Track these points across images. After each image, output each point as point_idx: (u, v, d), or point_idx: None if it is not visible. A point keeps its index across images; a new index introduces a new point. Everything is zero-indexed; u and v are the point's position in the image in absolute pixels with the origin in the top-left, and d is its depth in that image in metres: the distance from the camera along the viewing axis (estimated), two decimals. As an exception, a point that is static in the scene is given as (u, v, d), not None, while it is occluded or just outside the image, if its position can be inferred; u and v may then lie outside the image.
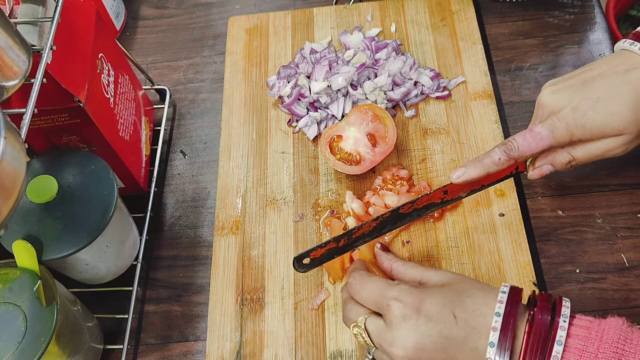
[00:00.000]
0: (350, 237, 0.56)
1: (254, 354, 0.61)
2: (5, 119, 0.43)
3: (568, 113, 0.54)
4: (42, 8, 0.56)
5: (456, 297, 0.49)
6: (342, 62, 0.76)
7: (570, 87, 0.55)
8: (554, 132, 0.54)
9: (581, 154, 0.56)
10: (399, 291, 0.50)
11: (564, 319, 0.45)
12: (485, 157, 0.56)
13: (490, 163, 0.56)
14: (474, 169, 0.56)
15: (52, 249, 0.56)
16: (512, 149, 0.55)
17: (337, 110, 0.73)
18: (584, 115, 0.53)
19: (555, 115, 0.55)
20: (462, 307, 0.48)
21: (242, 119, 0.77)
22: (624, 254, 0.63)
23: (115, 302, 0.67)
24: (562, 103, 0.55)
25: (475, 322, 0.47)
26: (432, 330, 0.47)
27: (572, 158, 0.57)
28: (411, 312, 0.48)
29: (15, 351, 0.50)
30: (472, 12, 0.81)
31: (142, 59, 0.86)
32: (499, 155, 0.55)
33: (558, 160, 0.58)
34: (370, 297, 0.52)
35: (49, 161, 0.61)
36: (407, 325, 0.48)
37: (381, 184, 0.68)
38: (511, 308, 0.46)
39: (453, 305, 0.48)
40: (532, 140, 0.55)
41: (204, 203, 0.73)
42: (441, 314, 0.48)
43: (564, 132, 0.54)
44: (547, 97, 0.56)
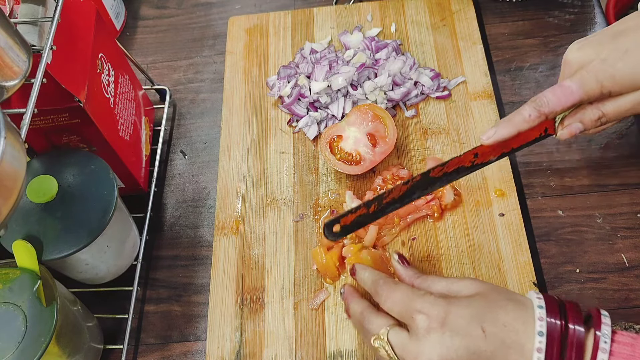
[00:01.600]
0: (380, 203, 0.54)
1: (254, 354, 0.61)
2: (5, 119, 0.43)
3: (597, 65, 0.52)
4: (42, 8, 0.56)
5: (486, 310, 0.46)
6: (342, 62, 0.76)
7: (598, 42, 0.54)
8: (583, 85, 0.53)
9: (611, 109, 0.54)
10: (424, 302, 0.48)
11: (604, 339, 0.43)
12: (515, 115, 0.55)
13: (520, 120, 0.54)
14: (505, 128, 0.54)
15: (52, 249, 0.56)
16: (542, 105, 0.54)
17: (337, 110, 0.73)
18: (613, 66, 0.52)
19: (584, 68, 0.53)
20: (492, 320, 0.46)
21: (242, 119, 0.77)
22: (624, 254, 0.63)
23: (115, 302, 0.67)
24: (590, 57, 0.53)
25: (505, 337, 0.45)
26: (457, 345, 0.45)
27: (602, 114, 0.55)
28: (436, 326, 0.46)
29: (15, 351, 0.50)
30: (472, 12, 0.81)
31: (142, 59, 0.86)
32: (529, 112, 0.54)
33: (587, 117, 0.55)
34: (395, 307, 0.50)
35: (49, 161, 0.61)
36: (432, 338, 0.46)
37: (381, 183, 0.68)
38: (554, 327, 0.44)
39: (482, 318, 0.46)
40: (562, 95, 0.53)
41: (204, 203, 0.73)
42: (468, 328, 0.46)
43: (594, 85, 0.52)
44: (574, 54, 0.54)
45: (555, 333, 0.44)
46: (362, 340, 0.56)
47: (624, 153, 0.70)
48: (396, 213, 0.65)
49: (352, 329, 0.61)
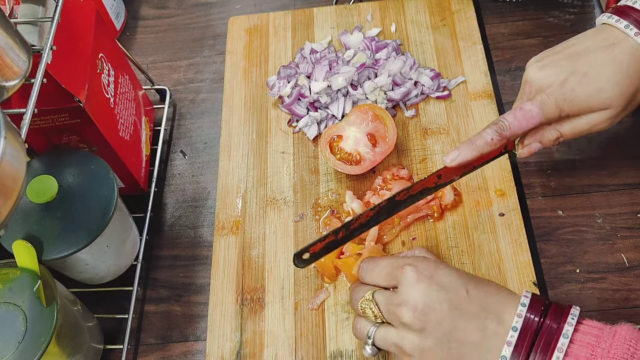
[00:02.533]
0: (348, 229, 0.56)
1: (254, 354, 0.61)
2: (5, 119, 0.43)
3: (556, 89, 0.55)
4: (42, 8, 0.56)
5: (471, 278, 0.50)
6: (342, 62, 0.76)
7: (557, 62, 0.56)
8: (543, 108, 0.55)
9: (568, 130, 0.57)
10: (414, 259, 0.52)
11: (568, 326, 0.45)
12: (477, 138, 0.56)
13: (483, 144, 0.56)
14: (468, 151, 0.56)
15: (52, 249, 0.56)
16: (503, 128, 0.56)
17: (337, 110, 0.73)
18: (572, 91, 0.54)
19: (543, 91, 0.55)
20: (476, 286, 0.49)
21: (242, 119, 0.77)
22: (624, 254, 0.63)
23: (115, 302, 0.67)
24: (549, 79, 0.55)
25: (487, 303, 0.48)
26: (442, 297, 0.48)
27: (560, 134, 0.57)
28: (424, 277, 0.49)
29: (15, 351, 0.50)
30: (472, 12, 0.81)
31: (142, 59, 0.86)
32: (491, 136, 0.56)
33: (546, 137, 0.58)
34: (383, 270, 0.53)
35: (49, 161, 0.61)
36: (419, 287, 0.49)
37: (381, 183, 0.68)
38: (529, 322, 0.46)
39: (467, 282, 0.49)
40: (522, 119, 0.56)
41: (204, 203, 0.73)
42: (454, 285, 0.49)
43: (553, 108, 0.55)
44: (535, 74, 0.57)
45: (530, 329, 0.46)
46: (354, 312, 0.57)
47: (624, 153, 0.70)
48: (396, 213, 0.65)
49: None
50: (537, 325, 0.46)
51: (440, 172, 0.57)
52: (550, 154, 0.71)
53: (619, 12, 0.55)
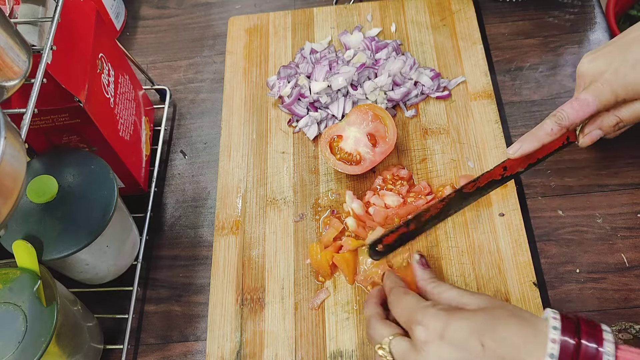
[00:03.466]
0: (419, 221, 0.56)
1: (254, 354, 0.61)
2: (5, 119, 0.43)
3: (610, 76, 0.55)
4: (42, 8, 0.56)
5: (487, 325, 0.46)
6: (342, 62, 0.76)
7: (608, 53, 0.56)
8: (599, 96, 0.56)
9: (627, 114, 0.57)
10: (425, 314, 0.49)
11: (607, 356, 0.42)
12: (538, 129, 0.58)
13: (543, 135, 0.57)
14: (529, 143, 0.57)
15: (52, 249, 0.56)
16: (562, 118, 0.57)
17: (337, 110, 0.73)
18: (625, 77, 0.54)
19: (597, 80, 0.56)
20: (492, 335, 0.45)
21: (242, 119, 0.77)
22: (624, 254, 0.63)
23: (115, 302, 0.67)
24: (602, 68, 0.56)
25: (504, 352, 0.44)
26: (453, 357, 0.45)
27: (619, 119, 0.58)
28: (433, 337, 0.47)
29: (15, 351, 0.50)
30: (472, 12, 0.81)
31: (142, 59, 0.86)
32: (551, 126, 0.57)
33: (606, 123, 0.58)
34: (403, 315, 0.51)
35: (49, 161, 0.61)
36: (429, 350, 0.46)
37: (381, 183, 0.68)
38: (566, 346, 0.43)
39: (482, 333, 0.46)
40: (579, 108, 0.56)
41: (204, 203, 0.73)
42: (466, 341, 0.46)
43: (609, 95, 0.56)
44: (586, 66, 0.57)
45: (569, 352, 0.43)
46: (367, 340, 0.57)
47: (624, 153, 0.70)
48: (396, 213, 0.65)
49: (352, 329, 0.61)
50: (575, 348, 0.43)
51: (505, 164, 0.58)
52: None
53: None
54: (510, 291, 0.61)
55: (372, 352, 0.59)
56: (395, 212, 0.65)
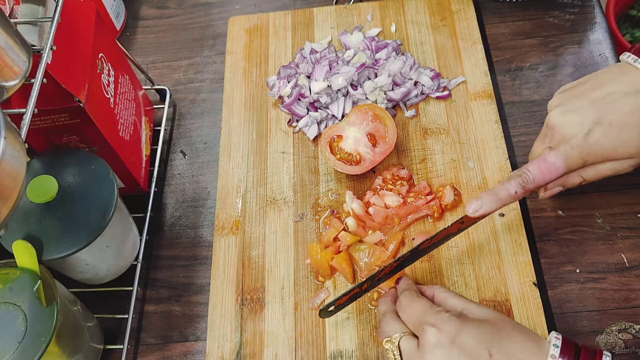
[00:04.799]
0: (372, 280, 0.56)
1: (254, 353, 0.61)
2: (5, 119, 0.43)
3: (580, 141, 0.54)
4: (42, 8, 0.56)
5: (494, 336, 0.48)
6: (342, 62, 0.76)
7: (581, 109, 0.54)
8: (566, 161, 0.54)
9: (591, 175, 0.57)
10: (438, 318, 0.50)
11: None
12: (501, 190, 0.55)
13: (506, 196, 0.55)
14: (491, 203, 0.55)
15: (52, 249, 0.56)
16: (527, 182, 0.55)
17: (337, 110, 0.73)
18: (596, 142, 0.53)
19: (567, 142, 0.54)
20: (499, 347, 0.47)
21: (242, 119, 0.77)
22: (624, 254, 0.63)
23: (115, 302, 0.67)
24: (573, 129, 0.54)
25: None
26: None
27: (583, 179, 0.57)
28: (445, 341, 0.48)
29: (15, 351, 0.50)
30: (472, 12, 0.81)
31: (142, 59, 0.86)
32: (515, 189, 0.55)
33: (569, 181, 0.58)
34: (412, 317, 0.52)
35: (49, 161, 0.61)
36: (439, 353, 0.48)
37: (381, 184, 0.68)
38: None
39: (490, 343, 0.47)
40: (547, 171, 0.55)
41: (204, 203, 0.73)
42: (476, 349, 0.47)
43: (577, 160, 0.55)
44: (558, 119, 0.56)
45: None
46: (380, 338, 0.57)
47: (624, 153, 0.70)
48: (396, 213, 0.65)
49: (352, 329, 0.61)
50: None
51: (463, 219, 0.57)
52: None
53: None
54: (510, 291, 0.61)
55: (372, 352, 0.59)
56: (395, 212, 0.65)
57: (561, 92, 0.58)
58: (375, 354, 0.59)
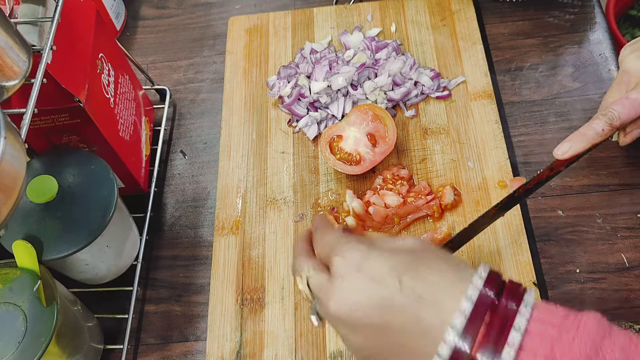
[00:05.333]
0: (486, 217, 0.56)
1: (254, 353, 0.61)
2: (5, 119, 0.43)
3: None
4: (42, 8, 0.56)
5: (410, 263, 0.43)
6: (342, 62, 0.76)
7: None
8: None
9: None
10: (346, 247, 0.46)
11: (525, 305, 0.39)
12: (588, 129, 0.56)
13: (594, 135, 0.56)
14: (580, 143, 0.56)
15: (52, 249, 0.56)
16: (613, 119, 0.56)
17: (337, 110, 0.73)
18: None
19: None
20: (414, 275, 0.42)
21: (242, 119, 0.77)
22: (624, 254, 0.63)
23: (115, 302, 0.67)
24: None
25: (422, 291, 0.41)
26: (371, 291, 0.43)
27: None
28: (351, 269, 0.44)
29: (15, 351, 0.50)
30: (472, 12, 0.81)
31: (142, 59, 0.86)
32: (602, 127, 0.55)
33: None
34: (323, 250, 0.49)
35: (49, 161, 0.61)
36: (345, 282, 0.44)
37: (381, 183, 0.68)
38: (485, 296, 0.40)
39: (402, 270, 0.43)
40: (631, 107, 0.56)
41: (204, 203, 0.73)
42: (383, 277, 0.43)
43: None
44: (633, 64, 0.57)
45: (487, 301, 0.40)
46: None
47: (624, 153, 0.70)
48: (396, 213, 0.65)
49: (352, 329, 0.61)
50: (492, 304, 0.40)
51: (552, 165, 0.57)
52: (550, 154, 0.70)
53: None
54: (510, 291, 0.61)
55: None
56: (395, 212, 0.65)
57: (632, 43, 0.59)
58: (375, 354, 0.59)
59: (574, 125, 0.72)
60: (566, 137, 0.56)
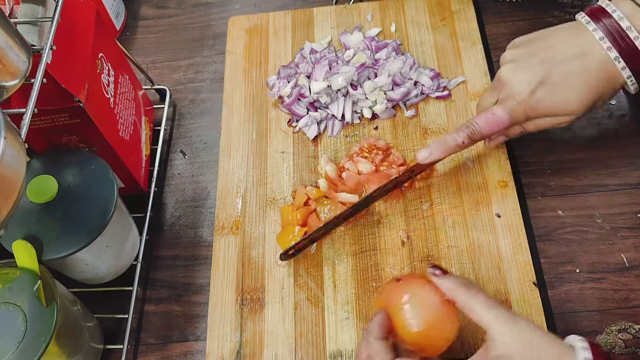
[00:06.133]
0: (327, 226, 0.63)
1: (254, 353, 0.61)
2: (5, 119, 0.43)
3: (526, 98, 0.58)
4: (42, 8, 0.56)
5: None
6: (342, 62, 0.76)
7: (531, 67, 0.58)
8: (512, 115, 0.59)
9: (531, 127, 0.62)
10: None
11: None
12: (449, 139, 0.61)
13: (454, 145, 0.61)
14: (439, 151, 0.61)
15: (52, 249, 0.56)
16: (474, 132, 0.60)
17: (337, 110, 0.73)
18: (540, 101, 0.58)
19: (513, 97, 0.59)
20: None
21: (242, 119, 0.77)
22: (624, 254, 0.63)
23: (115, 302, 0.67)
24: (521, 86, 0.58)
25: None
26: None
27: (523, 130, 0.62)
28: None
29: (15, 351, 0.50)
30: (472, 12, 0.81)
31: (142, 59, 0.86)
32: (462, 139, 0.60)
33: (511, 132, 0.64)
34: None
35: (49, 161, 0.61)
36: None
37: (357, 151, 0.70)
38: None
39: None
40: (493, 123, 0.60)
41: (204, 203, 0.73)
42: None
43: (521, 115, 0.59)
44: (508, 75, 0.59)
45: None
46: None
47: (624, 153, 0.70)
48: (367, 180, 0.68)
49: (352, 328, 0.61)
50: None
51: (413, 168, 0.64)
52: (550, 154, 0.71)
53: (594, 16, 0.56)
54: (510, 291, 0.61)
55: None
56: (366, 179, 0.67)
57: (514, 46, 0.62)
58: (375, 354, 0.59)
59: (574, 125, 0.72)
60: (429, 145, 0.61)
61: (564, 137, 0.72)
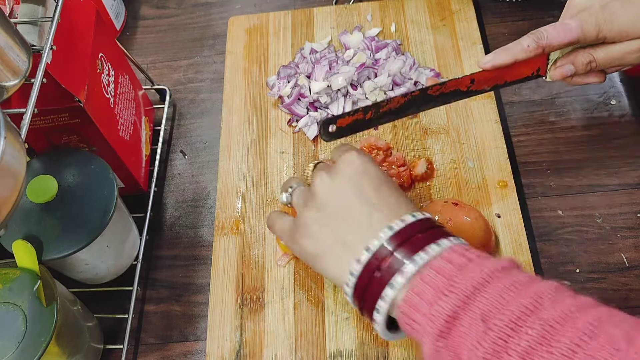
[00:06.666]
0: (377, 111, 0.55)
1: (254, 353, 0.61)
2: (5, 119, 0.43)
3: (598, 10, 0.55)
4: (42, 8, 0.56)
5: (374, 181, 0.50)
6: (342, 62, 0.76)
7: None
8: (582, 25, 0.55)
9: (601, 56, 0.57)
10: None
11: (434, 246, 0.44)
12: (514, 44, 0.56)
13: (519, 50, 0.56)
14: (503, 55, 0.56)
15: (52, 249, 0.56)
16: (541, 37, 0.56)
17: (337, 110, 0.73)
18: (613, 14, 0.54)
19: (585, 10, 0.56)
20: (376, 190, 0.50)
21: (242, 119, 0.77)
22: (624, 254, 0.63)
23: (115, 302, 0.67)
24: (592, 2, 0.55)
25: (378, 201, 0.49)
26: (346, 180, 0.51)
27: (593, 59, 0.57)
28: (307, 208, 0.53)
29: (15, 351, 0.50)
30: (472, 12, 0.81)
31: (142, 59, 0.86)
32: (528, 42, 0.56)
33: (579, 60, 0.58)
34: None
35: (49, 161, 0.61)
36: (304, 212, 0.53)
37: None
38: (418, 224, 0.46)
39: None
40: (561, 30, 0.56)
41: (204, 203, 0.73)
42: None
43: (592, 27, 0.55)
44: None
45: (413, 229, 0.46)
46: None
47: (624, 153, 0.70)
48: None
49: (352, 329, 0.61)
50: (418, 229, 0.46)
51: (473, 76, 0.57)
52: (550, 154, 0.71)
53: None
54: (510, 291, 0.61)
55: (372, 352, 0.59)
56: None
57: None
58: (375, 354, 0.60)
59: (574, 125, 0.73)
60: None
61: (564, 137, 0.72)
